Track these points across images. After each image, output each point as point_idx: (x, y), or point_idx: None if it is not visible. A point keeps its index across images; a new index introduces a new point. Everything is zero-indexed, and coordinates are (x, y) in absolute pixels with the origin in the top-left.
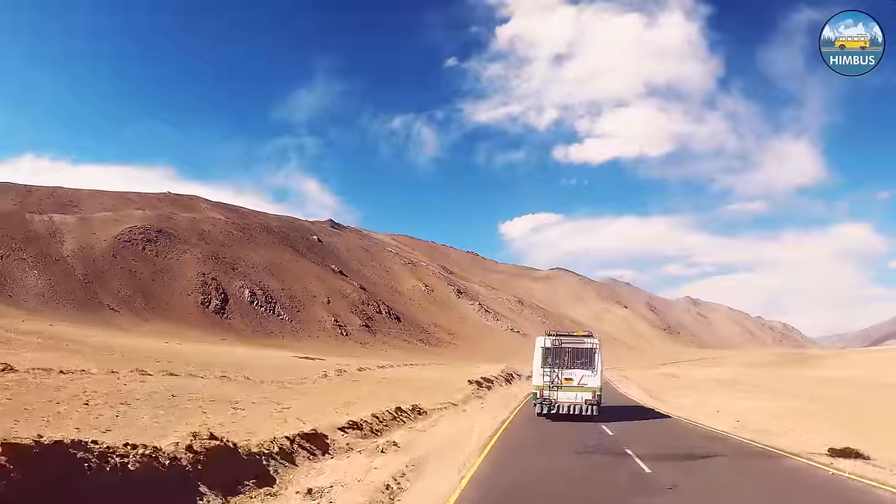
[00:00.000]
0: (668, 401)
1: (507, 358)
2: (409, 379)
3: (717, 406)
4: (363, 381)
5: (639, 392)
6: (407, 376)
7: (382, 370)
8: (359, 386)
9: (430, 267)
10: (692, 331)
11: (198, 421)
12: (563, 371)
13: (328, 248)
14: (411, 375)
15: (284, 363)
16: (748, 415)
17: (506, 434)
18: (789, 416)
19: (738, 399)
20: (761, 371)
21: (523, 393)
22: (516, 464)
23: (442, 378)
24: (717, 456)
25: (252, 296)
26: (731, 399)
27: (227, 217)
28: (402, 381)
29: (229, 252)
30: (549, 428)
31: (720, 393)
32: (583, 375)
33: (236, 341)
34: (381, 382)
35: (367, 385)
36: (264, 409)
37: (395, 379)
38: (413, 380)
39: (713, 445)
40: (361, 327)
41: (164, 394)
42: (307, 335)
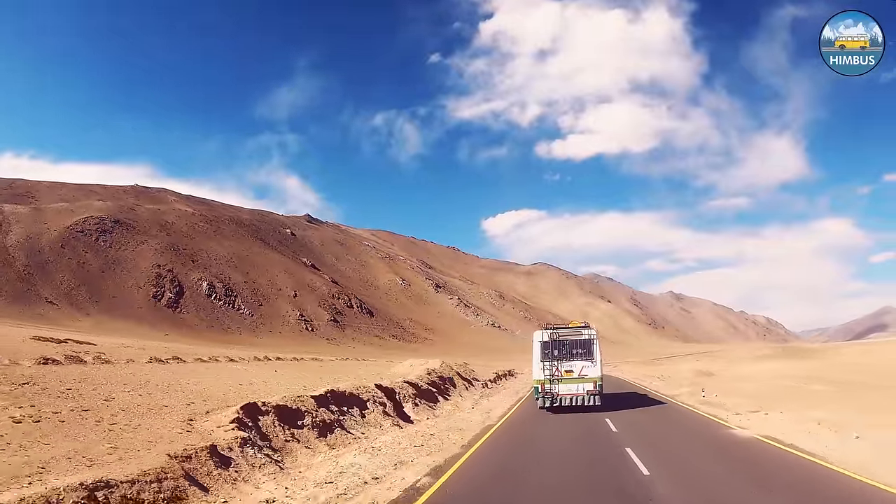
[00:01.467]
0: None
1: (485, 354)
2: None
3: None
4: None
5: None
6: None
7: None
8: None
9: (408, 261)
10: (676, 325)
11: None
12: (563, 363)
13: (301, 242)
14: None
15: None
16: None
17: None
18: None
19: (872, 413)
20: (797, 364)
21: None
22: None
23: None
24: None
25: (210, 289)
26: (860, 413)
27: (196, 209)
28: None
29: (191, 244)
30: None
31: (816, 402)
32: (583, 366)
33: (184, 337)
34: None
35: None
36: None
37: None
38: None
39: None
40: (329, 322)
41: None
42: (268, 331)
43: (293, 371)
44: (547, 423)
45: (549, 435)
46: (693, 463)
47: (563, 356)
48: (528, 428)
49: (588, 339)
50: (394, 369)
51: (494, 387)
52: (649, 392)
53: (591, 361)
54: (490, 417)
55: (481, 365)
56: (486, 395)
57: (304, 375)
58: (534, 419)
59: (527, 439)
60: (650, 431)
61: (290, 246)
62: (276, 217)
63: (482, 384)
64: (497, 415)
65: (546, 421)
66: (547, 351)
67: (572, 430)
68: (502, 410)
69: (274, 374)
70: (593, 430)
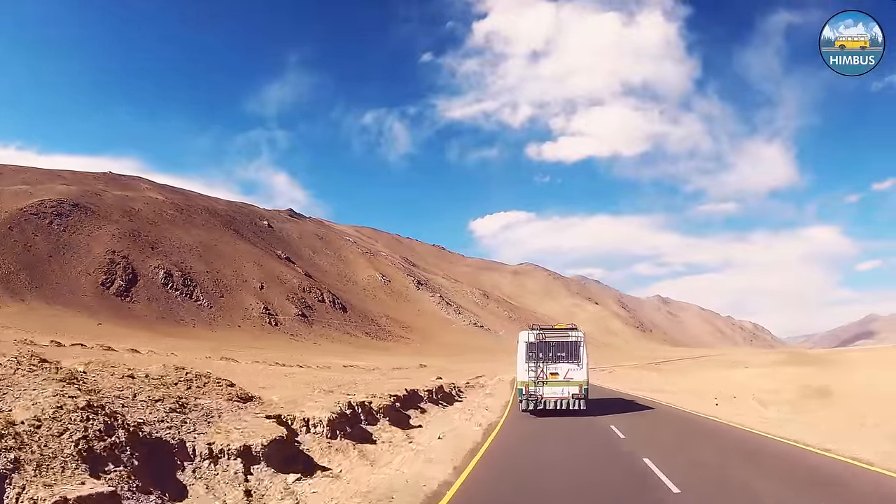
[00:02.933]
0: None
1: (465, 354)
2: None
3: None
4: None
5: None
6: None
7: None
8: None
9: (390, 257)
10: (663, 329)
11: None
12: (549, 366)
13: (278, 234)
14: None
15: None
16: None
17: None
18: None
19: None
20: (821, 373)
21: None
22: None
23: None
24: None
25: (167, 278)
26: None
27: (168, 197)
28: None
29: (154, 231)
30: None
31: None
32: (568, 369)
33: (125, 328)
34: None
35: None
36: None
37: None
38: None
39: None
40: (297, 317)
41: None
42: (226, 323)
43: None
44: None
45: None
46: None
47: (548, 358)
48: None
49: (575, 341)
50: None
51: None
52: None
53: (577, 364)
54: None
55: (454, 370)
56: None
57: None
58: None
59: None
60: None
61: (266, 238)
62: (254, 209)
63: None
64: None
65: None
66: (532, 352)
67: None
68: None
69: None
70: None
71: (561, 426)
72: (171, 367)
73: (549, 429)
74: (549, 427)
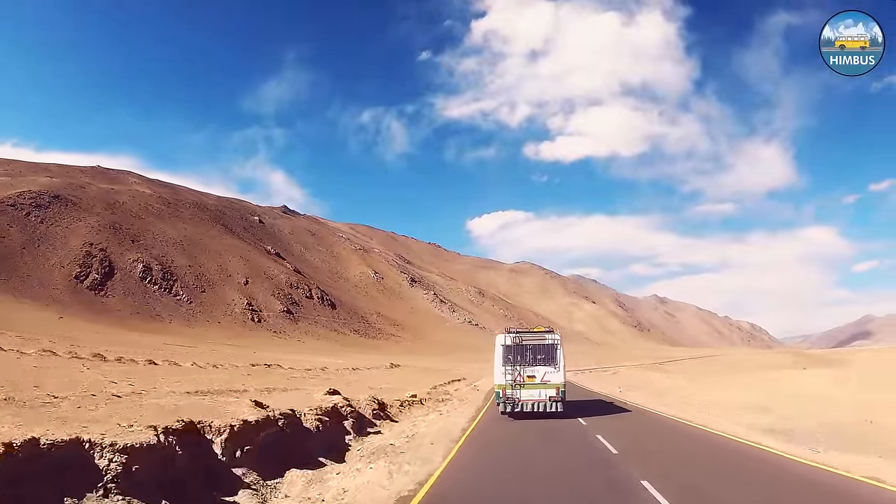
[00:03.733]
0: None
1: (457, 353)
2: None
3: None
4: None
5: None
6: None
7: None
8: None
9: (384, 254)
10: (661, 329)
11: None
12: (526, 368)
13: (269, 230)
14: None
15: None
16: None
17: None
18: None
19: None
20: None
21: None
22: None
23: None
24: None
25: (146, 271)
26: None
27: (155, 191)
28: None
29: (137, 224)
30: None
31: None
32: (546, 372)
33: (95, 323)
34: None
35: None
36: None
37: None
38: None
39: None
40: (281, 313)
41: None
42: (205, 319)
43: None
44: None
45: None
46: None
47: (525, 361)
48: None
49: (552, 344)
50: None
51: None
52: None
53: (554, 367)
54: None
55: (440, 370)
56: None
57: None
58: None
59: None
60: None
61: (256, 233)
62: (246, 205)
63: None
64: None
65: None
66: (509, 355)
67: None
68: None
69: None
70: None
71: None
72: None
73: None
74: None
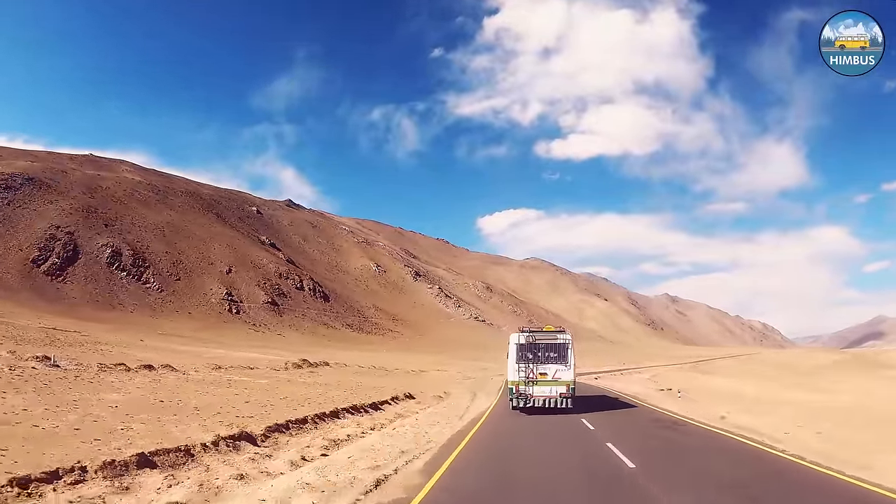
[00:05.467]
0: None
1: (460, 350)
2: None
3: None
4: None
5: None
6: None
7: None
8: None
9: (388, 248)
10: (674, 327)
11: None
12: (538, 366)
13: (266, 221)
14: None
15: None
16: None
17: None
18: None
19: None
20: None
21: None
22: None
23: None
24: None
25: (115, 257)
26: None
27: (146, 179)
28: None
29: (116, 208)
30: None
31: None
32: (557, 370)
33: (34, 311)
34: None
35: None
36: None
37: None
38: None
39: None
40: (265, 304)
41: None
42: (174, 310)
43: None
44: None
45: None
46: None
47: (538, 359)
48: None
49: (563, 343)
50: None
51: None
52: None
53: (565, 365)
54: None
55: (409, 372)
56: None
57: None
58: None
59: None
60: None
61: (251, 223)
62: (245, 196)
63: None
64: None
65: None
66: (522, 353)
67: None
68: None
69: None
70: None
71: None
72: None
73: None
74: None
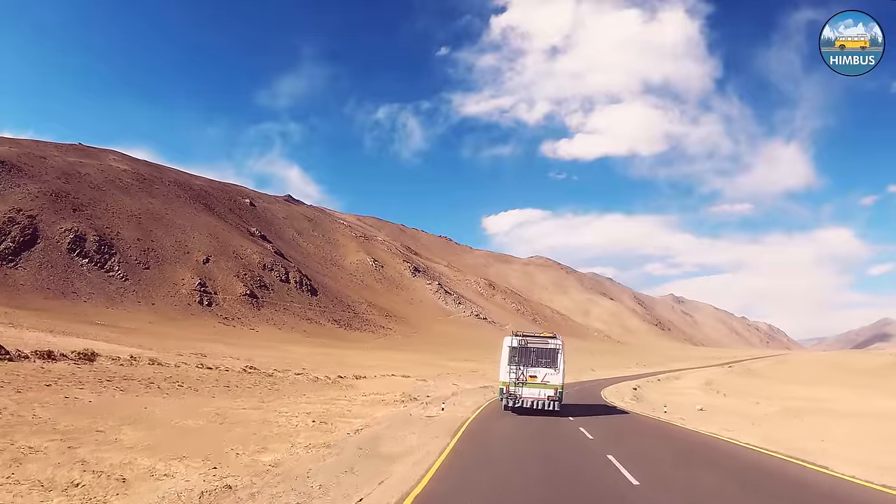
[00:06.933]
0: None
1: (453, 349)
2: None
3: None
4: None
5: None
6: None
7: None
8: None
9: (387, 243)
10: (680, 328)
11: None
12: (528, 369)
13: (259, 213)
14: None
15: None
16: None
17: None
18: None
19: None
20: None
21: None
22: None
23: None
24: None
25: (77, 242)
26: None
27: (133, 168)
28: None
29: (89, 194)
30: None
31: None
32: (546, 373)
33: None
34: None
35: None
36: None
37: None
38: None
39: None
40: (242, 297)
41: None
42: (136, 301)
43: None
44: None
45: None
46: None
47: (528, 362)
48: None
49: (554, 348)
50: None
51: None
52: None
53: (554, 370)
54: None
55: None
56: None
57: None
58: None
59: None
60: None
61: (242, 215)
62: (240, 189)
63: None
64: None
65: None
66: (515, 356)
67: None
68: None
69: None
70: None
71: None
72: None
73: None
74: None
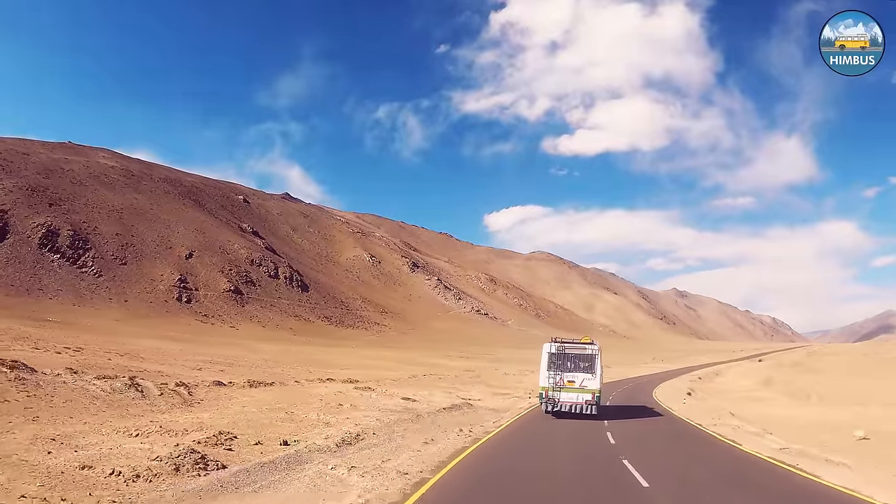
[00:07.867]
0: None
1: (451, 346)
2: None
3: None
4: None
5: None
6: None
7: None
8: None
9: (385, 239)
10: (685, 322)
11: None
12: (567, 374)
13: (252, 210)
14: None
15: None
16: None
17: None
18: None
19: None
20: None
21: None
22: None
23: None
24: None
25: (49, 237)
26: None
27: (121, 164)
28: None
29: (70, 189)
30: None
31: None
32: (584, 378)
33: None
34: None
35: None
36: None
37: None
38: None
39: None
40: (226, 293)
41: None
42: (107, 298)
43: None
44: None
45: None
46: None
47: (566, 368)
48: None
49: (591, 353)
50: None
51: None
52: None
53: (592, 374)
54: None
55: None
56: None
57: None
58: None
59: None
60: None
61: (234, 211)
62: (234, 186)
63: None
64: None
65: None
66: (553, 361)
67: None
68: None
69: None
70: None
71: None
72: None
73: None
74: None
